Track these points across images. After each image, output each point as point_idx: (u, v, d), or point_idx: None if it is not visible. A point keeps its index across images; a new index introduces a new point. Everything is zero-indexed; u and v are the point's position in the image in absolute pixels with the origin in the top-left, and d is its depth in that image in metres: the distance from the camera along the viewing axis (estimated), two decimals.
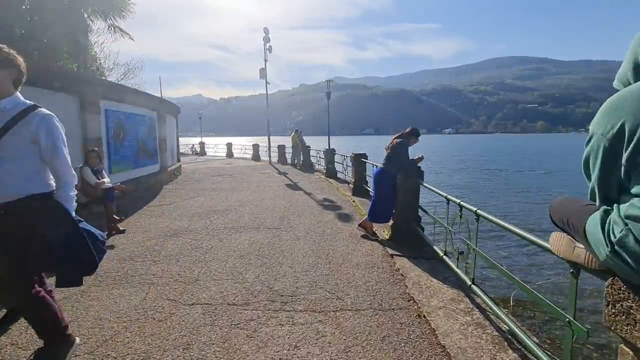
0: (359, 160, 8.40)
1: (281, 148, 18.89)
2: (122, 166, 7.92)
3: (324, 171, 12.43)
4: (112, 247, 4.56)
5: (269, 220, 6.03)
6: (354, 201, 7.68)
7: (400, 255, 4.18)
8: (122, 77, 28.45)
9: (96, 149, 5.21)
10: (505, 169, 28.49)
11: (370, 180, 7.93)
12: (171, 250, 4.47)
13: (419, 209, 4.69)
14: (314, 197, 8.30)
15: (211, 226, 5.68)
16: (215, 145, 27.86)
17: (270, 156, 19.33)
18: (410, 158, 4.71)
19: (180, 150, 32.77)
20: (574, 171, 23.88)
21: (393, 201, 4.78)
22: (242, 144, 25.19)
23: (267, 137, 19.35)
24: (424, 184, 4.48)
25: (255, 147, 21.84)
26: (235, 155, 25.30)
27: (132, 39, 15.00)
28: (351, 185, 8.73)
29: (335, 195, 8.52)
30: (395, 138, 4.85)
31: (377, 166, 6.96)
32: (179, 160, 14.35)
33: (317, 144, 20.32)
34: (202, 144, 28.14)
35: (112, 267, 3.85)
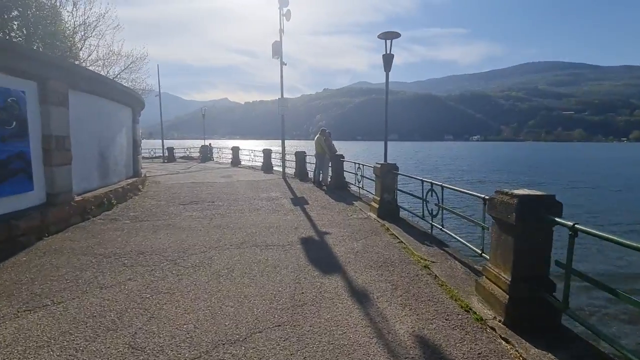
0: (536, 216, 2.56)
1: (300, 156, 13.31)
2: None
3: (375, 204, 6.67)
4: None
5: None
6: None
7: None
8: (123, 69, 23.95)
9: None
10: None
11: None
12: None
13: None
14: (394, 340, 2.57)
15: None
16: (220, 150, 22.68)
17: (284, 167, 13.81)
18: None
19: (183, 154, 28.00)
20: None
21: None
22: (251, 149, 19.83)
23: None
24: None
25: (267, 153, 16.40)
26: (244, 162, 20.01)
27: None
28: (501, 293, 2.91)
29: (451, 321, 2.77)
30: None
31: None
32: (135, 175, 9.05)
33: (346, 152, 14.43)
34: (205, 147, 23.07)
35: None
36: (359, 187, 8.68)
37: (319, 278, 3.61)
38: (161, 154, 24.11)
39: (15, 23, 16.91)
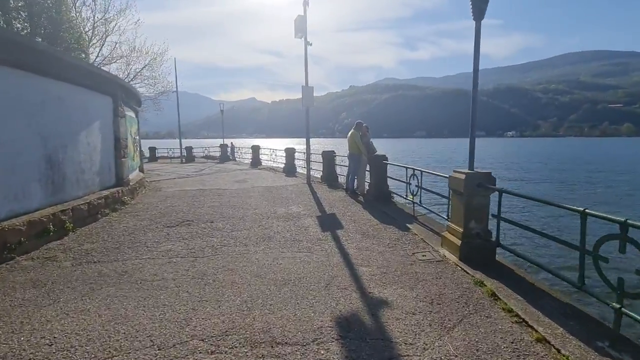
0: None
1: (328, 157, 10.94)
2: None
3: (453, 238, 4.17)
4: None
5: None
6: None
7: None
8: (144, 67, 22.50)
9: None
10: None
11: None
12: None
13: None
14: None
15: None
16: (239, 149, 20.78)
17: (309, 169, 11.51)
18: None
19: (203, 154, 26.53)
20: None
21: None
22: (274, 148, 17.72)
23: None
24: None
25: (290, 153, 14.18)
26: (265, 162, 17.94)
27: None
28: None
29: None
30: None
31: None
32: (118, 184, 7.03)
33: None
34: (224, 147, 21.25)
35: None
36: (413, 203, 6.16)
37: None
38: (179, 154, 22.64)
39: (22, 13, 15.69)
